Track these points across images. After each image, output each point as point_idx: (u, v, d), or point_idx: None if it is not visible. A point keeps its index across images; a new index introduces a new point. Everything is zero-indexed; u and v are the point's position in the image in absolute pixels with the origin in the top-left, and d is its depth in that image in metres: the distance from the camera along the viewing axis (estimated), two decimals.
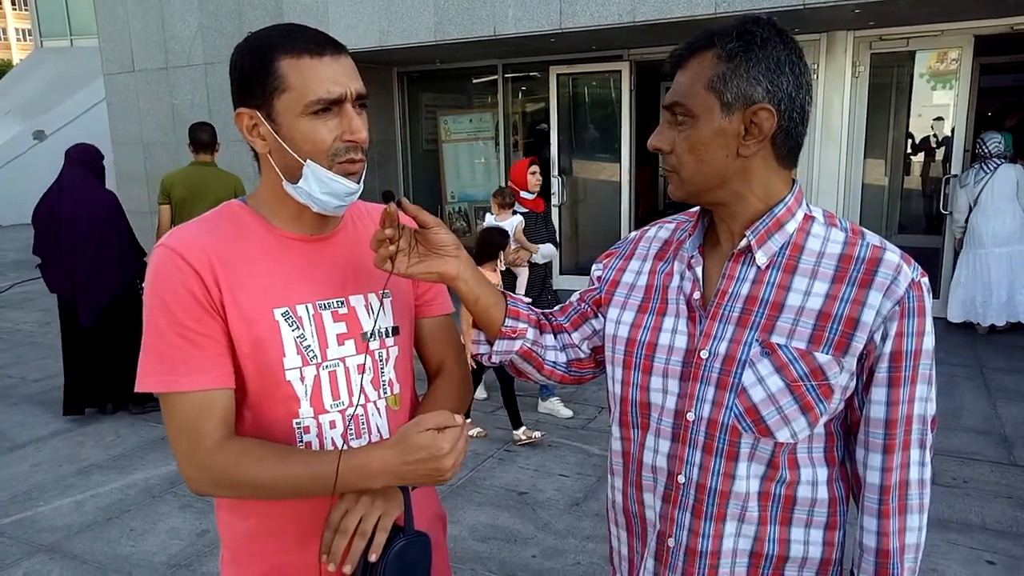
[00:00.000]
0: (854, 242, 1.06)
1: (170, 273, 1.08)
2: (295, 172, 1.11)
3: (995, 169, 5.80)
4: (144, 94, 9.12)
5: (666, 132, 1.09)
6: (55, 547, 3.25)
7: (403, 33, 7.00)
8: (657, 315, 1.16)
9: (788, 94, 1.04)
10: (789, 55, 1.04)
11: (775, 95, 1.03)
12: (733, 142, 1.05)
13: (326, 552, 1.07)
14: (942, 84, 6.84)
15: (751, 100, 1.03)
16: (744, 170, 1.07)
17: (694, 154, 1.06)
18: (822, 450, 1.09)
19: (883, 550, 1.07)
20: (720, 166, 1.06)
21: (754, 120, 1.03)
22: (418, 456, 1.02)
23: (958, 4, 5.37)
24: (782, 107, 1.04)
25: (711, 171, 1.06)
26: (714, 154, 1.05)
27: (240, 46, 1.12)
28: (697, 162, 1.06)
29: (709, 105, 1.03)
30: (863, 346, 1.02)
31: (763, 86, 1.02)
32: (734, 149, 1.05)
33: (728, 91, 1.02)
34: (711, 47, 1.04)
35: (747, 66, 1.02)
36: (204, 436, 1.07)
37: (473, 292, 1.17)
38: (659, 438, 1.13)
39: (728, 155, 1.05)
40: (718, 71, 1.02)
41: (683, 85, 1.06)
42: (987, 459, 3.89)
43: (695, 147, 1.06)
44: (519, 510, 3.49)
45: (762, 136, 1.04)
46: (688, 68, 1.06)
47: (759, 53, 1.02)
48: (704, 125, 1.04)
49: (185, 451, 1.08)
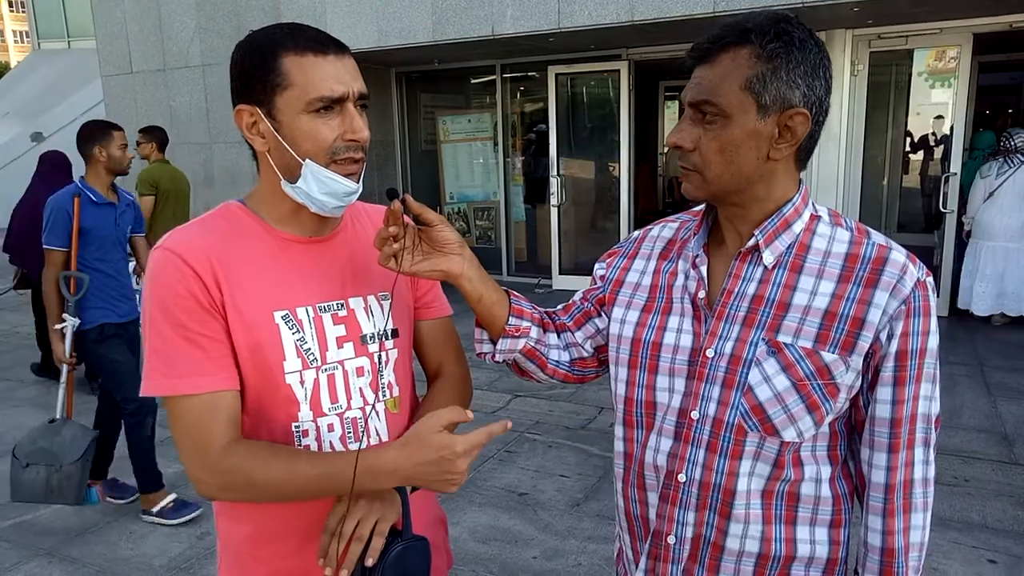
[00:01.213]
0: (860, 241, 1.06)
1: (171, 276, 1.07)
2: (294, 171, 1.10)
3: (1021, 164, 5.88)
4: (142, 96, 9.12)
5: (689, 129, 1.05)
6: (54, 550, 3.24)
7: (401, 33, 7.00)
8: (662, 314, 1.15)
9: (819, 98, 1.03)
10: (822, 59, 1.02)
11: (810, 99, 1.01)
12: (765, 145, 1.02)
13: (323, 556, 1.07)
14: (941, 82, 6.85)
15: (788, 104, 1.00)
16: (770, 173, 1.05)
17: (723, 155, 1.03)
18: (826, 448, 1.09)
19: (888, 549, 1.07)
20: (749, 168, 1.03)
21: (788, 124, 1.01)
22: (431, 457, 1.01)
23: (957, 2, 5.37)
24: (814, 111, 1.02)
25: (739, 173, 1.04)
26: (745, 156, 1.02)
27: (242, 43, 1.11)
28: (726, 163, 1.03)
29: (744, 106, 1.00)
30: (869, 345, 1.01)
31: (800, 90, 1.00)
32: (765, 152, 1.03)
33: (767, 93, 0.99)
34: (746, 43, 1.00)
35: (787, 68, 0.99)
36: (212, 439, 1.06)
37: (477, 290, 1.17)
38: (661, 436, 1.13)
39: (759, 157, 1.03)
40: (757, 71, 0.99)
41: (712, 82, 1.01)
42: (988, 458, 3.89)
43: (725, 148, 1.02)
44: (520, 511, 3.48)
45: (795, 140, 1.03)
46: (718, 64, 1.01)
47: (798, 55, 1.00)
48: (737, 126, 1.01)
49: (193, 454, 1.07)
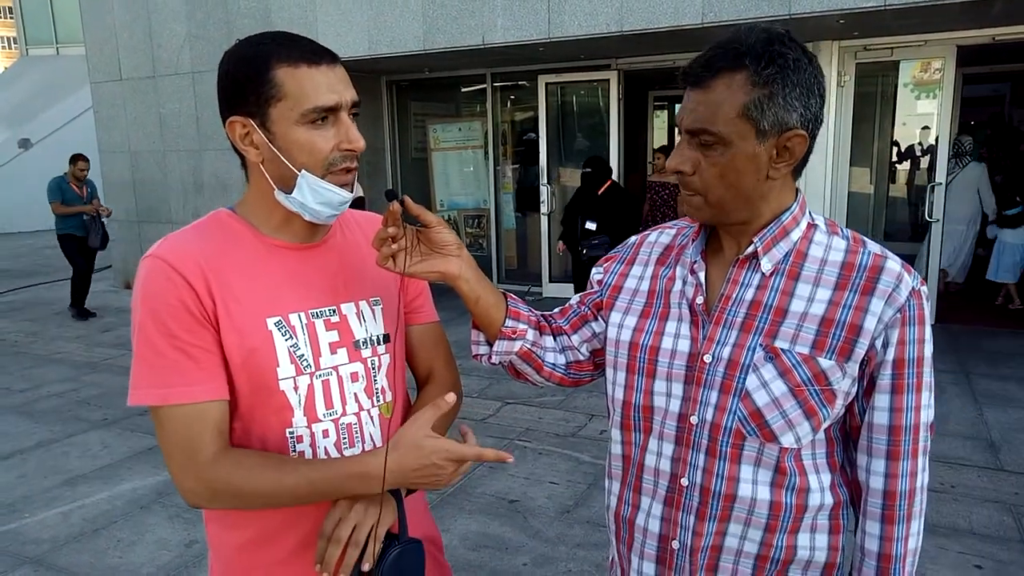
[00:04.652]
0: (856, 250, 1.08)
1: (161, 284, 1.06)
2: (289, 182, 1.10)
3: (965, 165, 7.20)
4: (131, 103, 9.09)
5: (688, 153, 1.05)
6: (41, 559, 3.21)
7: (392, 42, 7.02)
8: (660, 319, 1.16)
9: (815, 115, 1.04)
10: (816, 75, 1.03)
11: (806, 118, 1.03)
12: (765, 166, 1.03)
13: (320, 562, 1.07)
14: (926, 93, 6.94)
15: (786, 127, 1.01)
16: (769, 190, 1.06)
17: (724, 179, 1.04)
18: (824, 455, 1.10)
19: (885, 555, 1.08)
20: (749, 189, 1.05)
21: (787, 145, 1.03)
22: (424, 462, 1.04)
23: (941, 15, 5.44)
24: (810, 128, 1.04)
25: (739, 195, 1.05)
26: (744, 179, 1.04)
27: (230, 53, 1.10)
28: (727, 187, 1.04)
29: (742, 132, 1.00)
30: (865, 352, 1.03)
31: (798, 112, 1.01)
32: (764, 173, 1.04)
33: (764, 119, 1.00)
34: (741, 69, 0.99)
35: (784, 92, 1.00)
36: (200, 448, 1.06)
37: (474, 291, 1.17)
38: (662, 441, 1.13)
39: (759, 179, 1.04)
40: (753, 97, 0.99)
41: (709, 110, 1.01)
42: (974, 464, 3.92)
43: (726, 173, 1.03)
44: (510, 518, 3.48)
45: (793, 160, 1.04)
46: (713, 90, 1.01)
47: (794, 78, 1.00)
48: (736, 151, 1.01)
49: (181, 464, 1.06)
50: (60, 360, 6.34)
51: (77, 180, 7.65)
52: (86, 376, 5.86)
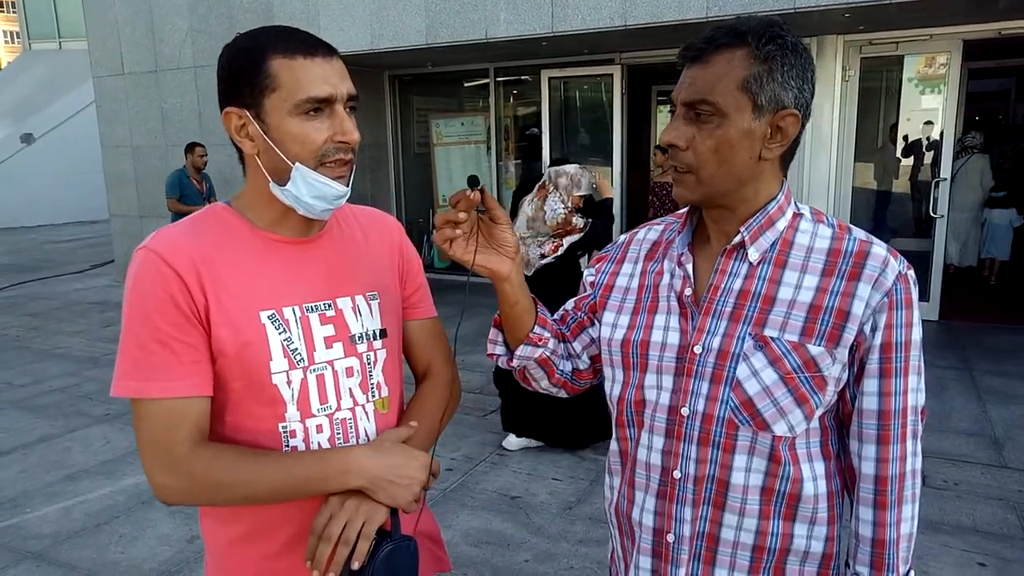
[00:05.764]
0: (841, 237, 1.09)
1: (152, 278, 1.06)
2: (283, 174, 1.09)
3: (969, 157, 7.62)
4: (133, 97, 9.09)
5: (683, 128, 1.06)
6: (43, 554, 3.22)
7: (394, 36, 7.00)
8: (649, 313, 1.17)
9: (807, 100, 1.06)
10: (810, 63, 1.06)
11: (800, 101, 1.05)
12: (758, 145, 1.05)
13: (310, 559, 1.06)
14: (931, 88, 6.89)
15: (781, 105, 1.03)
16: (759, 173, 1.07)
17: (718, 154, 1.04)
18: (818, 444, 1.10)
19: (879, 540, 1.08)
20: (741, 168, 1.05)
21: (781, 125, 1.04)
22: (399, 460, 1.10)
23: (947, 9, 5.41)
24: (803, 112, 1.06)
25: (731, 173, 1.06)
26: (738, 155, 1.05)
27: (229, 46, 1.11)
28: (720, 162, 1.05)
29: (740, 105, 1.02)
30: (854, 337, 1.04)
31: (793, 92, 1.03)
32: (757, 152, 1.05)
33: (763, 93, 1.02)
34: (742, 45, 1.02)
35: (782, 70, 1.02)
36: (176, 443, 1.05)
37: (515, 295, 1.16)
38: (652, 435, 1.14)
39: (751, 157, 1.05)
40: (753, 71, 1.02)
41: (708, 82, 1.03)
42: (978, 461, 3.91)
43: (720, 146, 1.04)
44: (512, 514, 3.47)
45: (785, 141, 1.06)
46: (713, 64, 1.03)
47: (791, 58, 1.03)
48: (732, 125, 1.03)
49: (156, 458, 1.06)
50: (62, 355, 6.35)
51: (196, 171, 7.04)
52: (87, 371, 5.86)
